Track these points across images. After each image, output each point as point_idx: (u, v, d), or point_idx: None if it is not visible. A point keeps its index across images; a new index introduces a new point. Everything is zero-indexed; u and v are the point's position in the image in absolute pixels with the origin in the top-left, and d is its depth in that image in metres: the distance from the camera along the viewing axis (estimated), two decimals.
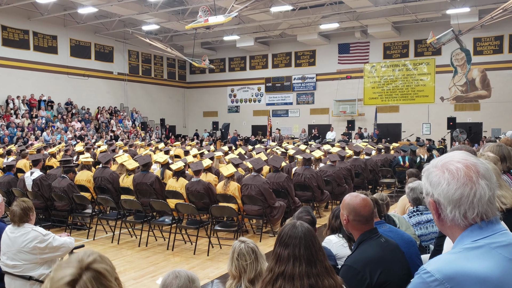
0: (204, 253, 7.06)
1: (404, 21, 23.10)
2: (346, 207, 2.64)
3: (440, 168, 1.40)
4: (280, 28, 24.29)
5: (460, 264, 1.27)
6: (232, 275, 2.80)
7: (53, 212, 8.52)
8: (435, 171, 1.41)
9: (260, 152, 12.28)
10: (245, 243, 2.83)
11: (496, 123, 22.13)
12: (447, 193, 1.35)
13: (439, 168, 1.41)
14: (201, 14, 16.05)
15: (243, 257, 2.75)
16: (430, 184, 1.40)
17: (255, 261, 2.75)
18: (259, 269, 2.72)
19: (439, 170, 1.40)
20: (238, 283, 2.75)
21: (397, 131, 24.48)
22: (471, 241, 1.33)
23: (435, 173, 1.41)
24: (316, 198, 9.28)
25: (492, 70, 22.82)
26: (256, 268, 2.72)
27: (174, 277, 2.32)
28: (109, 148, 13.51)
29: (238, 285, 2.75)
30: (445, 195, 1.36)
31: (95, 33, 24.68)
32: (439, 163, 1.43)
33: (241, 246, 2.81)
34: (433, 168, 1.43)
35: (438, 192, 1.37)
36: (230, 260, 2.82)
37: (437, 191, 1.37)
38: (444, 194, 1.36)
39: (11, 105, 20.29)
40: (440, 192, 1.37)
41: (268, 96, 28.78)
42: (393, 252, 2.58)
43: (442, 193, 1.36)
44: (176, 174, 8.13)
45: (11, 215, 4.00)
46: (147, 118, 27.37)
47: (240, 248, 2.80)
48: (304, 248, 2.01)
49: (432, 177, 1.41)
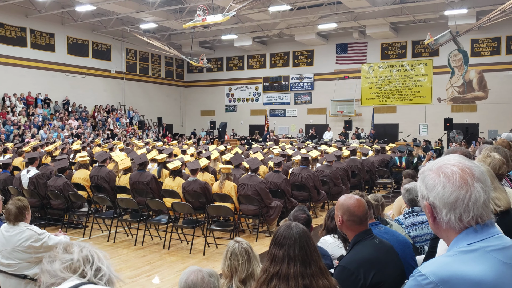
0: (200, 253, 7.06)
1: (402, 22, 23.14)
2: (340, 208, 2.64)
3: (436, 171, 1.40)
4: (278, 27, 24.29)
5: (455, 267, 1.27)
6: (224, 274, 2.82)
7: (49, 210, 8.50)
8: (430, 174, 1.41)
9: (257, 152, 12.29)
10: (239, 243, 2.85)
11: (492, 125, 22.20)
12: (443, 196, 1.36)
13: (434, 171, 1.41)
14: (199, 13, 16.04)
15: (236, 257, 2.77)
16: (426, 187, 1.41)
17: (247, 262, 2.76)
18: (251, 270, 2.74)
19: (435, 173, 1.40)
20: (229, 283, 2.76)
21: (394, 131, 24.52)
22: (466, 244, 1.34)
23: (431, 176, 1.41)
24: (312, 198, 9.29)
25: (489, 72, 22.88)
26: (248, 269, 2.74)
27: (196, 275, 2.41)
28: (106, 147, 13.48)
29: (229, 285, 2.76)
30: (441, 198, 1.36)
31: (92, 31, 24.62)
32: (434, 166, 1.43)
33: (235, 246, 2.83)
34: (429, 171, 1.43)
35: (433, 195, 1.38)
36: (224, 259, 2.84)
37: (433, 194, 1.38)
38: (439, 197, 1.36)
39: (7, 103, 20.23)
40: (436, 195, 1.37)
41: (266, 95, 28.78)
42: (388, 253, 2.59)
43: (438, 196, 1.36)
44: (173, 173, 8.12)
45: (6, 213, 3.99)
46: (144, 117, 27.33)
47: (234, 248, 2.81)
48: (299, 248, 2.03)
49: (427, 180, 1.41)
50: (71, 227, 8.58)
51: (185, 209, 7.31)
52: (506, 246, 1.33)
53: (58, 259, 1.35)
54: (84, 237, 7.97)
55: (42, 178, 8.55)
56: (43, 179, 8.54)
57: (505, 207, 2.52)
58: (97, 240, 7.90)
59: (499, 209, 2.47)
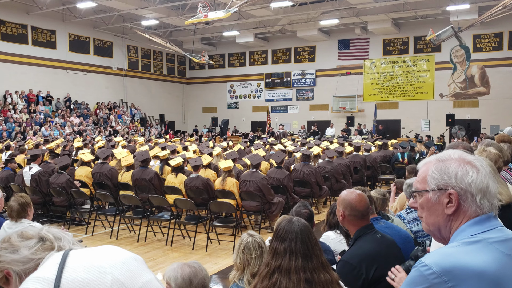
0: (202, 249, 7.07)
1: (404, 17, 23.06)
2: (341, 203, 2.65)
3: (460, 160, 1.42)
4: (280, 23, 24.25)
5: (458, 258, 1.28)
6: (236, 266, 2.83)
7: (52, 207, 8.52)
8: (454, 163, 1.42)
9: (259, 148, 12.28)
10: (253, 237, 2.86)
11: (494, 120, 22.14)
12: (477, 181, 1.38)
13: (457, 160, 1.42)
14: (201, 10, 16.02)
15: (249, 251, 2.78)
16: (456, 175, 1.40)
17: (260, 256, 2.78)
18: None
19: (460, 162, 1.42)
20: (241, 275, 2.78)
21: (397, 127, 24.48)
22: (469, 235, 1.35)
23: (455, 164, 1.41)
24: (314, 194, 9.30)
25: (491, 67, 22.81)
26: (260, 263, 2.75)
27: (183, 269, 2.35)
28: (108, 144, 13.49)
29: (241, 278, 2.77)
30: (476, 184, 1.38)
31: (94, 28, 24.61)
32: (451, 156, 1.44)
33: (249, 239, 2.84)
34: (448, 161, 1.43)
35: (467, 182, 1.38)
36: (236, 251, 2.85)
37: (467, 180, 1.38)
38: (475, 182, 1.38)
39: (9, 100, 20.26)
40: (471, 182, 1.38)
41: (268, 92, 28.75)
42: (389, 247, 2.59)
43: (473, 182, 1.38)
44: (175, 170, 8.13)
45: (9, 210, 4.00)
46: (146, 114, 27.35)
47: (247, 242, 2.82)
48: (300, 242, 2.04)
49: (454, 168, 1.41)
50: (74, 224, 8.61)
51: (188, 206, 7.32)
52: (508, 238, 1.35)
53: (22, 247, 1.33)
54: (87, 234, 8.00)
55: (45, 175, 8.57)
56: (45, 176, 8.56)
57: (506, 201, 2.53)
58: (99, 237, 7.92)
59: (500, 203, 2.47)
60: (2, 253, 1.33)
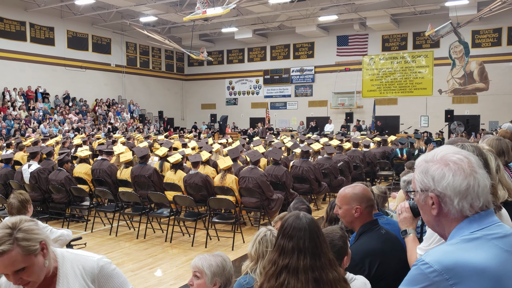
0: (202, 245, 7.08)
1: (402, 13, 23.03)
2: (354, 198, 2.60)
3: (440, 162, 1.39)
4: (278, 20, 24.19)
5: (458, 255, 1.28)
6: (251, 257, 2.83)
7: (51, 204, 8.51)
8: (434, 165, 1.39)
9: (259, 145, 12.28)
10: (271, 231, 2.86)
11: (493, 116, 22.16)
12: (454, 184, 1.35)
13: (437, 161, 1.39)
14: (199, 6, 15.98)
15: (265, 243, 2.79)
16: (433, 179, 1.38)
17: None
18: None
19: (439, 164, 1.38)
20: (254, 266, 2.78)
21: (395, 123, 24.50)
22: (468, 232, 1.34)
23: (435, 167, 1.39)
24: (313, 190, 9.31)
25: (490, 63, 22.81)
26: None
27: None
28: (107, 141, 13.48)
29: (254, 268, 2.78)
30: (452, 187, 1.35)
31: (92, 24, 24.54)
32: (435, 156, 1.41)
33: (267, 233, 2.84)
34: (431, 162, 1.41)
35: (443, 185, 1.36)
36: (252, 242, 2.84)
37: (442, 184, 1.36)
38: (451, 186, 1.35)
39: (7, 97, 20.22)
40: (446, 185, 1.35)
41: (266, 88, 28.73)
42: (393, 244, 2.59)
43: (449, 185, 1.35)
44: (174, 166, 8.12)
45: (9, 207, 3.98)
46: (145, 111, 27.32)
47: (265, 234, 2.83)
48: (309, 240, 1.97)
49: (432, 172, 1.39)
50: (73, 221, 8.60)
51: (187, 202, 7.32)
52: (507, 234, 1.34)
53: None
54: (86, 231, 8.00)
55: (44, 172, 8.56)
56: (44, 173, 8.55)
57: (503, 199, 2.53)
58: (99, 234, 7.92)
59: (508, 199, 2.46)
60: (37, 231, 1.85)
